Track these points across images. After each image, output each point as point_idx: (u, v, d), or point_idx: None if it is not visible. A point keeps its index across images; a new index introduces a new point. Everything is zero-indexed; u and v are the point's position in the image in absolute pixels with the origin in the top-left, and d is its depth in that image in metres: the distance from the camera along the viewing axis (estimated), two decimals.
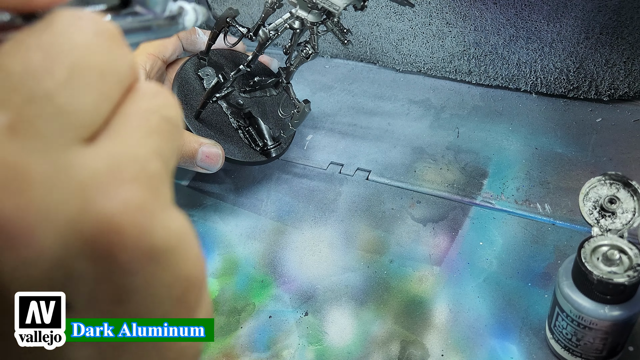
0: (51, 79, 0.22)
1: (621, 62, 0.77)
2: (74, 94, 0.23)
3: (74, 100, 0.22)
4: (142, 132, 0.25)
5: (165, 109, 0.26)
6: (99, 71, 0.24)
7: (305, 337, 0.61)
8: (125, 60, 0.25)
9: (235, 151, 0.73)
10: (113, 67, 0.24)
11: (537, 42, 0.80)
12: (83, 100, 0.23)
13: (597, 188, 0.51)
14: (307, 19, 0.65)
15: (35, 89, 0.22)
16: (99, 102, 0.24)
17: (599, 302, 0.48)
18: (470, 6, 0.79)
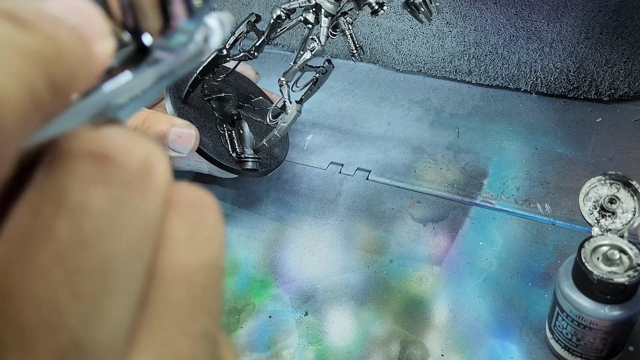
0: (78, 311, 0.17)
1: (621, 62, 0.77)
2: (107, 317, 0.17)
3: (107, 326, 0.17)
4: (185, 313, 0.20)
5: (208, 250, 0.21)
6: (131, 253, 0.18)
7: (305, 337, 0.61)
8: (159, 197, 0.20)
9: (210, 146, 0.68)
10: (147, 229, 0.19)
11: (537, 42, 0.80)
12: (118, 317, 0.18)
13: (597, 188, 0.51)
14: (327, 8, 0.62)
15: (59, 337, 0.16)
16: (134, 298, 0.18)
17: (599, 302, 0.48)
18: (471, 6, 0.79)
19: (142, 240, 0.19)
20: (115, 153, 0.18)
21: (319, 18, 0.63)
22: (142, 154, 0.19)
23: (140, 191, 0.19)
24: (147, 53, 0.26)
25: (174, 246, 0.20)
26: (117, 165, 0.18)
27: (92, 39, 0.19)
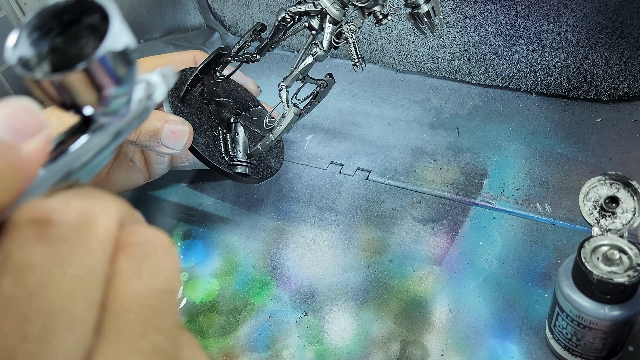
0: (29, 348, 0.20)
1: (621, 62, 0.77)
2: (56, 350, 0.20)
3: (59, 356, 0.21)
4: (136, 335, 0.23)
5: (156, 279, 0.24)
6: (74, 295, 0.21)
7: (305, 337, 0.61)
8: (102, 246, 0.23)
9: (203, 146, 0.68)
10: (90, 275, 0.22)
11: (537, 42, 0.80)
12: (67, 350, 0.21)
13: (597, 188, 0.51)
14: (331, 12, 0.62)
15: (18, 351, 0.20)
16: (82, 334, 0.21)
17: (599, 302, 0.48)
18: (471, 6, 0.79)
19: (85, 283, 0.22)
20: (53, 215, 0.22)
21: (323, 25, 0.63)
22: (78, 211, 0.22)
23: (78, 243, 0.22)
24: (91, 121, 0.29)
25: (123, 280, 0.23)
26: (54, 225, 0.21)
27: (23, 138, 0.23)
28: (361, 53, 0.64)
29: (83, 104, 0.28)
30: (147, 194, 0.79)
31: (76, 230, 0.22)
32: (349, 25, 0.63)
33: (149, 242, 0.25)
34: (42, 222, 0.21)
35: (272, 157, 0.75)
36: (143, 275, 0.24)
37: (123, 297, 0.23)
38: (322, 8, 0.62)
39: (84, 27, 0.30)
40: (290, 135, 0.84)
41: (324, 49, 0.63)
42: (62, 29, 0.30)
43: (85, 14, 0.30)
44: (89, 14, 0.30)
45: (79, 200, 0.23)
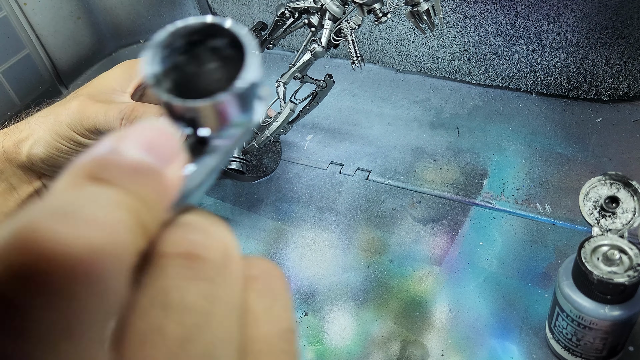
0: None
1: (621, 62, 0.77)
2: None
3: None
4: None
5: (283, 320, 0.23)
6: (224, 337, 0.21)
7: (305, 337, 0.61)
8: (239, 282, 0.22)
9: None
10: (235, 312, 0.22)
11: (537, 42, 0.80)
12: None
13: (597, 188, 0.51)
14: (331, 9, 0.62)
15: None
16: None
17: (599, 302, 0.48)
18: (471, 6, 0.79)
19: (233, 322, 0.21)
20: (199, 250, 0.21)
21: (323, 22, 0.63)
22: (221, 246, 0.22)
23: (225, 281, 0.21)
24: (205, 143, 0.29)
25: (255, 319, 0.22)
26: (203, 262, 0.21)
27: (167, 163, 0.22)
28: (361, 52, 0.64)
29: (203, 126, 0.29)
30: None
31: (222, 267, 0.21)
32: (349, 23, 0.62)
33: (270, 276, 0.24)
34: (191, 257, 0.21)
35: (268, 156, 0.75)
36: (274, 315, 0.23)
37: (257, 341, 0.22)
38: (322, 5, 0.62)
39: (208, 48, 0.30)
40: (290, 135, 0.84)
41: (323, 46, 0.63)
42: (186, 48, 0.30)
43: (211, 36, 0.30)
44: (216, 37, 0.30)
45: (218, 233, 0.22)
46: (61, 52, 0.79)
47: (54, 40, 0.77)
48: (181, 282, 0.20)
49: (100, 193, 0.19)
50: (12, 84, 0.73)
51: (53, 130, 0.60)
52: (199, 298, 0.20)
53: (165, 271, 0.20)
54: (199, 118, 0.28)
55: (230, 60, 0.29)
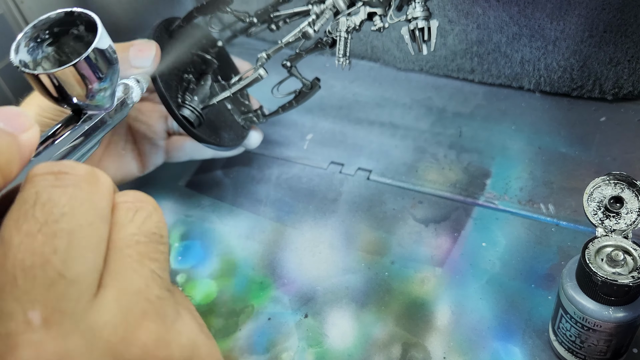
0: (58, 256, 0.26)
1: (625, 60, 0.76)
2: (78, 259, 0.27)
3: (80, 265, 0.27)
4: (135, 262, 0.29)
5: (147, 224, 0.31)
6: (89, 224, 0.28)
7: (305, 340, 0.60)
8: (105, 194, 0.30)
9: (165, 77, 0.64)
10: (99, 212, 0.29)
11: (540, 40, 0.79)
12: (86, 260, 0.27)
13: (601, 188, 0.50)
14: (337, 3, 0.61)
15: (49, 272, 0.26)
16: (97, 253, 0.28)
17: (603, 304, 0.48)
18: (473, 4, 0.79)
19: (95, 216, 0.28)
20: (66, 168, 0.29)
21: (324, 11, 0.63)
22: (86, 167, 0.29)
23: (89, 188, 0.29)
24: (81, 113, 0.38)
25: (121, 225, 0.30)
26: (69, 174, 0.28)
27: (19, 131, 0.30)
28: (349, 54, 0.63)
29: (73, 96, 0.36)
30: None
31: (86, 180, 0.29)
32: (347, 20, 0.62)
33: (139, 200, 0.31)
34: (58, 172, 0.28)
35: (227, 132, 0.72)
36: (136, 221, 0.30)
37: (122, 237, 0.29)
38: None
39: (71, 37, 0.37)
40: (290, 134, 0.83)
41: (314, 29, 0.63)
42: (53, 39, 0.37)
43: (72, 26, 0.37)
44: (76, 26, 0.37)
45: (85, 164, 0.30)
46: None
47: None
48: (50, 187, 0.28)
49: None
50: (8, 83, 0.73)
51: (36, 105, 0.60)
52: (64, 196, 0.27)
53: (35, 182, 0.28)
54: (64, 86, 0.36)
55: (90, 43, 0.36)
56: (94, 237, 0.28)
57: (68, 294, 0.26)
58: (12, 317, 0.25)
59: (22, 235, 0.26)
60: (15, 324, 0.24)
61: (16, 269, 0.25)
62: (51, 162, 0.29)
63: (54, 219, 0.26)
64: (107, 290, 0.28)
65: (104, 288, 0.28)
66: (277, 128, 0.85)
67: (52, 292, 0.25)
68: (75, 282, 0.26)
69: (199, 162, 0.81)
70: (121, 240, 0.29)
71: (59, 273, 0.26)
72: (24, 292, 0.25)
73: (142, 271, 0.29)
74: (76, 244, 0.27)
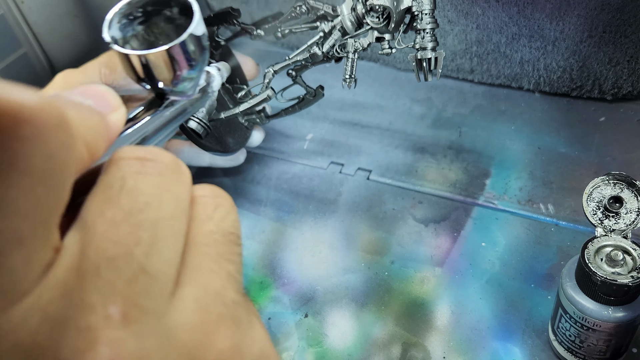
0: (141, 249, 0.25)
1: (625, 60, 0.76)
2: (160, 253, 0.26)
3: (162, 259, 0.26)
4: (213, 262, 0.28)
5: (225, 222, 0.30)
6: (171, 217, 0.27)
7: (305, 339, 0.60)
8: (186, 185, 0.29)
9: None
10: (181, 205, 0.28)
11: (540, 41, 0.79)
12: (168, 255, 0.26)
13: (600, 188, 0.50)
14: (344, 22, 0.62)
15: (132, 265, 0.24)
16: (177, 248, 0.27)
17: (603, 304, 0.48)
18: (473, 4, 0.79)
19: (178, 209, 0.27)
20: (151, 155, 0.27)
21: (332, 31, 0.63)
22: (171, 156, 0.28)
23: (173, 178, 0.28)
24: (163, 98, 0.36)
25: (199, 221, 0.29)
26: (154, 162, 0.27)
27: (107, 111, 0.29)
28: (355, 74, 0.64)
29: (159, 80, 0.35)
30: None
31: (171, 169, 0.28)
32: (355, 42, 0.62)
33: (217, 195, 0.30)
34: (144, 158, 0.27)
35: (232, 137, 0.73)
36: (215, 219, 0.29)
37: (201, 234, 0.28)
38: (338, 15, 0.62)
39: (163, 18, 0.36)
40: (290, 134, 0.83)
41: (322, 51, 0.63)
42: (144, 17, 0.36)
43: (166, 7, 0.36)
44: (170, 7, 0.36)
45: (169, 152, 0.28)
46: (58, 51, 0.78)
47: (51, 38, 0.77)
48: (135, 174, 0.26)
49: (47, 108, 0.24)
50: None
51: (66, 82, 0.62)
52: (149, 185, 0.26)
53: (121, 167, 0.26)
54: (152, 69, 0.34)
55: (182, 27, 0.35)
56: (176, 230, 0.27)
57: (149, 290, 0.25)
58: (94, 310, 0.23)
59: (107, 223, 0.25)
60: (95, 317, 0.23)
61: (100, 259, 0.24)
62: (137, 146, 0.28)
63: (138, 208, 0.25)
64: (186, 289, 0.26)
65: (182, 286, 0.26)
66: (277, 128, 0.85)
67: (134, 287, 0.24)
68: (156, 278, 0.25)
69: None
70: (200, 237, 0.28)
71: (142, 267, 0.24)
72: (106, 283, 0.24)
73: (220, 272, 0.28)
74: (159, 237, 0.26)
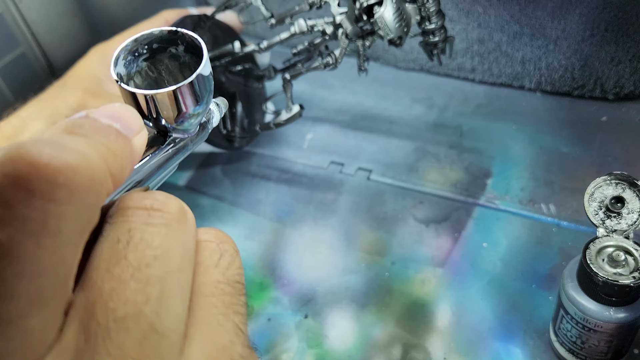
0: (150, 307, 0.24)
1: (626, 59, 0.76)
2: (169, 310, 0.25)
3: (171, 316, 0.25)
4: (221, 314, 0.28)
5: (231, 270, 0.29)
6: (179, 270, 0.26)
7: (305, 341, 0.60)
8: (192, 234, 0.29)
9: None
10: (188, 255, 0.27)
11: (541, 39, 0.79)
12: (176, 311, 0.26)
13: (602, 188, 0.50)
14: (347, 30, 0.62)
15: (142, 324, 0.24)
16: (185, 301, 0.26)
17: (604, 304, 0.48)
18: (474, 3, 0.78)
19: (185, 260, 0.27)
20: (158, 204, 0.27)
21: (336, 33, 0.64)
22: (177, 204, 0.28)
23: (180, 227, 0.27)
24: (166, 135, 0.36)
25: (205, 269, 0.28)
26: (161, 212, 0.27)
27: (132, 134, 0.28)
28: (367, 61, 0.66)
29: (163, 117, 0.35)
30: None
31: (178, 219, 0.27)
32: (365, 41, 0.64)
33: (220, 240, 0.30)
34: (150, 208, 0.27)
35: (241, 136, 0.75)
36: (221, 267, 0.29)
37: (208, 283, 0.28)
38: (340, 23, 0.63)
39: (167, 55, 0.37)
40: (290, 133, 0.83)
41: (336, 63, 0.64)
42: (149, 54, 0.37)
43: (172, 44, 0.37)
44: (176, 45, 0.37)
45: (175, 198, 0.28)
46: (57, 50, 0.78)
47: (49, 37, 0.77)
48: (142, 225, 0.26)
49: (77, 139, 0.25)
50: (7, 82, 0.73)
51: (52, 123, 0.61)
52: (157, 237, 0.26)
53: (129, 218, 0.26)
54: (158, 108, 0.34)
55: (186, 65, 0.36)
56: (184, 283, 0.27)
57: (160, 349, 0.24)
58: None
59: (114, 281, 0.24)
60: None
61: (109, 321, 0.24)
62: (143, 193, 0.28)
63: (146, 262, 0.25)
64: (194, 344, 0.26)
65: (190, 341, 0.26)
66: None
67: (144, 347, 0.24)
68: (166, 336, 0.25)
69: (198, 162, 0.81)
70: (207, 287, 0.28)
71: (152, 326, 0.24)
72: (117, 346, 0.23)
73: (227, 325, 0.27)
74: (167, 292, 0.25)
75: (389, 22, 0.58)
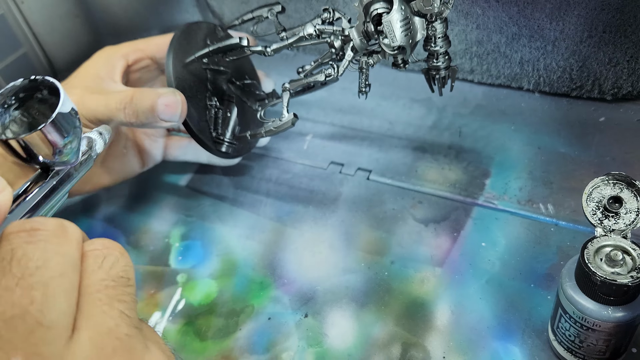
0: (35, 306, 0.29)
1: (624, 60, 0.76)
2: (53, 307, 0.30)
3: (55, 312, 0.30)
4: (105, 305, 0.33)
5: (115, 269, 0.34)
6: (60, 275, 0.31)
7: (305, 340, 0.60)
8: (74, 244, 0.33)
9: (195, 119, 0.67)
10: (70, 262, 0.32)
11: (539, 41, 0.79)
12: (61, 307, 0.30)
13: (600, 188, 0.50)
14: (354, 41, 0.63)
15: (28, 321, 0.29)
16: (70, 299, 0.31)
17: (602, 304, 0.48)
18: (473, 4, 0.79)
19: (66, 267, 0.32)
20: (37, 225, 0.32)
21: (344, 48, 0.64)
22: (55, 222, 0.33)
23: (59, 241, 0.32)
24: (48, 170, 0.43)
25: (91, 272, 0.34)
26: (40, 230, 0.32)
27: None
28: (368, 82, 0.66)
29: (40, 155, 0.41)
30: (145, 195, 0.79)
31: (56, 234, 0.33)
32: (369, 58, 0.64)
33: (106, 247, 0.35)
34: (30, 229, 0.32)
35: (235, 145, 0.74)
36: (104, 267, 0.34)
37: (92, 282, 0.33)
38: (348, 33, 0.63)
39: (36, 100, 0.42)
40: (290, 134, 0.83)
41: (338, 75, 0.65)
42: (19, 103, 0.41)
43: (36, 91, 0.41)
44: (40, 90, 0.42)
45: (54, 219, 0.34)
46: (58, 51, 0.78)
47: (51, 38, 0.77)
48: (24, 244, 0.31)
49: None
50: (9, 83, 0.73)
51: None
52: (37, 251, 0.31)
53: (11, 240, 0.31)
54: (32, 148, 0.40)
55: (55, 105, 0.40)
56: (67, 285, 0.31)
57: (46, 339, 0.29)
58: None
59: (2, 290, 0.29)
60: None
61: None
62: (23, 220, 0.33)
63: (29, 272, 0.30)
64: (81, 332, 0.31)
65: (78, 330, 0.31)
66: None
67: (32, 338, 0.29)
68: (51, 328, 0.30)
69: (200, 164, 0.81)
70: (91, 286, 0.33)
71: (37, 321, 0.29)
72: (6, 341, 0.28)
73: (111, 312, 0.32)
74: (51, 293, 0.30)
75: (395, 27, 0.58)
